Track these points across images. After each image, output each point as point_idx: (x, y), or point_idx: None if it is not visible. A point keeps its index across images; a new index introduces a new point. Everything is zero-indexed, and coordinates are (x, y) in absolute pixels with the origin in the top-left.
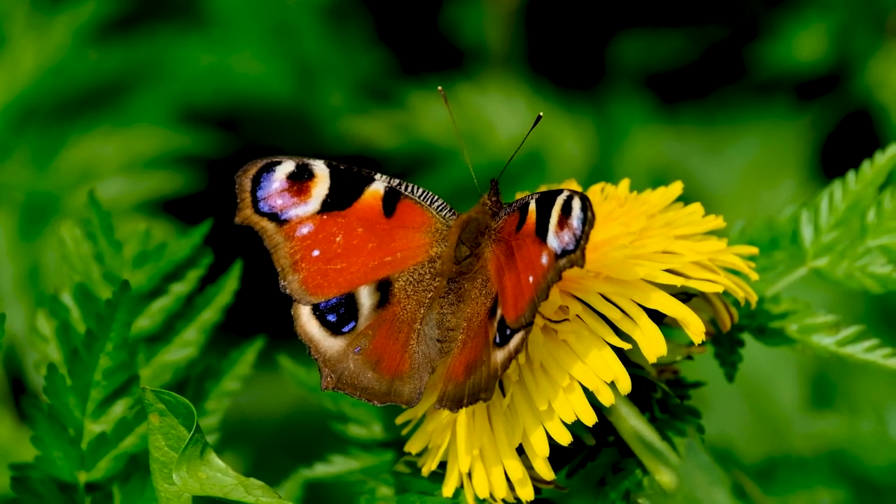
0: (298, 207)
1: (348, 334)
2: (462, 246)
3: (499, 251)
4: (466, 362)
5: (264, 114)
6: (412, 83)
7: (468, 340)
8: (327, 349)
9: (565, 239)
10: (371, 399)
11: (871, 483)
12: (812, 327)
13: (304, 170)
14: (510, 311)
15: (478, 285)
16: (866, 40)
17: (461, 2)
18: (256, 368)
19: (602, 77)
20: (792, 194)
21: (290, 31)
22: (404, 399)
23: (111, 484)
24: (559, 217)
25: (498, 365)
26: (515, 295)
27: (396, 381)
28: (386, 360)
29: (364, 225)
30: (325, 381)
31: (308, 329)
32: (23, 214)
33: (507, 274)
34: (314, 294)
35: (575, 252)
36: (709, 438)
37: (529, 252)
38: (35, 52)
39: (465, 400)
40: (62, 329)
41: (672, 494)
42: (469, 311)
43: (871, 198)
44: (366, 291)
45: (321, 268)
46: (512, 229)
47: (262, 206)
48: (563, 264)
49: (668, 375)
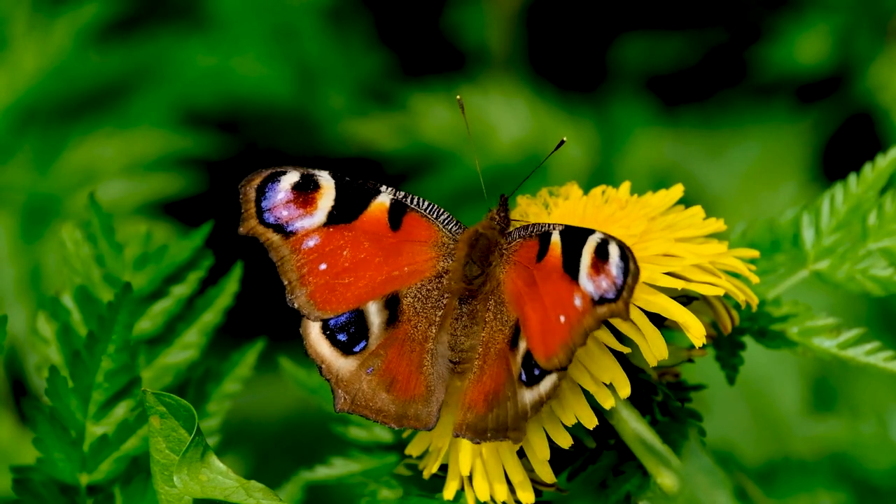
0: (304, 219)
1: (360, 354)
2: (472, 264)
3: (516, 276)
4: (486, 392)
5: (265, 116)
6: (413, 85)
7: (485, 367)
8: (339, 369)
9: (603, 286)
10: (387, 422)
11: (872, 486)
12: (813, 330)
13: (309, 180)
14: (539, 349)
15: (491, 307)
16: (868, 43)
17: (463, 4)
18: (257, 371)
19: (603, 79)
20: (793, 197)
21: (291, 33)
22: (422, 423)
23: (112, 486)
24: (593, 259)
25: (527, 407)
26: (544, 331)
27: (412, 404)
28: (400, 381)
29: (370, 238)
30: (339, 403)
31: (318, 349)
32: (24, 216)
33: (528, 304)
34: (322, 309)
35: (616, 302)
36: (710, 441)
37: (558, 288)
38: (36, 53)
39: (489, 434)
40: (63, 331)
41: (673, 497)
42: (485, 336)
43: (872, 201)
44: (374, 308)
45: (329, 282)
46: (531, 257)
47: (268, 216)
48: (604, 313)
49: (670, 378)
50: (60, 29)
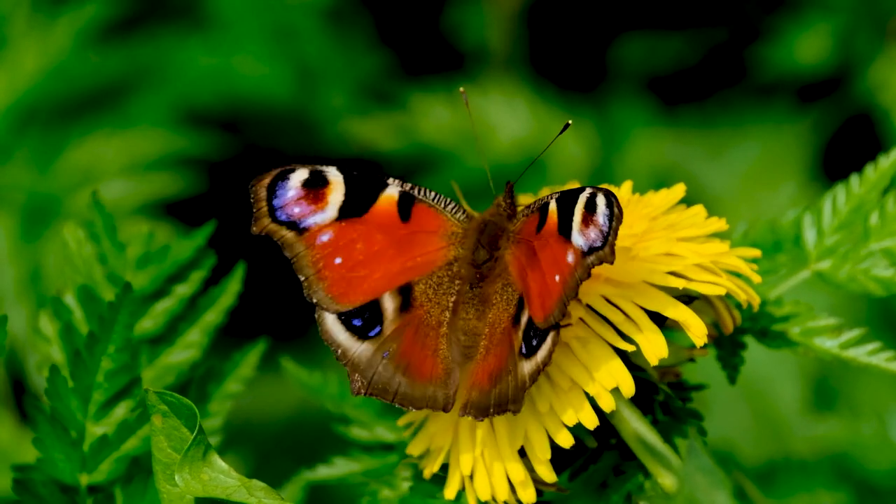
0: (316, 215)
1: (375, 339)
2: (481, 249)
3: (520, 253)
4: (490, 370)
5: (265, 116)
6: (413, 85)
7: (491, 347)
8: (355, 354)
9: (592, 236)
10: (404, 404)
11: (873, 486)
12: (814, 330)
13: (317, 177)
14: (538, 312)
15: (499, 289)
16: (868, 43)
17: (463, 3)
18: (259, 370)
19: (603, 79)
20: (793, 197)
21: (291, 33)
22: (440, 404)
23: (113, 486)
24: (583, 215)
25: (526, 377)
26: (542, 295)
27: (429, 386)
28: (415, 364)
29: (382, 231)
30: (356, 387)
31: (334, 334)
32: (24, 216)
33: (530, 274)
34: (340, 302)
35: (603, 248)
36: (710, 441)
37: (554, 251)
38: (36, 53)
39: (492, 409)
40: (65, 330)
41: (673, 497)
42: (492, 317)
43: (874, 201)
44: (388, 296)
45: (345, 275)
46: (532, 230)
47: (280, 214)
48: (592, 261)
49: (671, 378)
50: (60, 29)
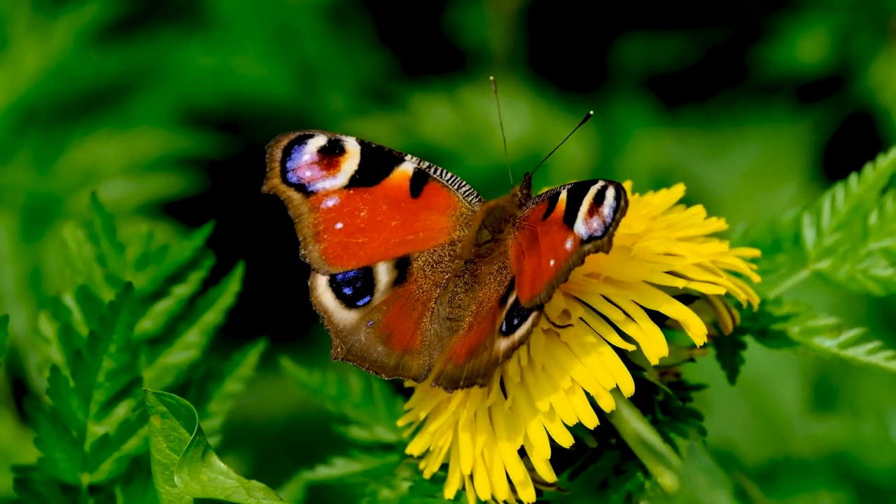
0: (326, 181)
1: (363, 308)
2: (484, 230)
3: (521, 237)
4: (470, 345)
5: (266, 116)
6: (414, 85)
7: (475, 324)
8: (340, 321)
9: (594, 225)
10: (379, 372)
11: (873, 485)
12: (814, 330)
13: (335, 144)
14: (526, 291)
15: (494, 270)
16: (868, 42)
17: (463, 4)
18: (258, 371)
19: (604, 79)
20: (793, 197)
21: (291, 33)
22: (412, 373)
23: (114, 486)
24: (590, 205)
25: (500, 353)
26: (534, 277)
27: (406, 356)
28: (397, 335)
29: (389, 203)
30: (335, 352)
31: (323, 300)
32: (24, 216)
33: (527, 258)
34: (333, 264)
35: (602, 238)
36: (710, 441)
37: (554, 237)
38: (37, 53)
39: (462, 382)
40: (65, 331)
41: (673, 497)
42: (481, 295)
43: (873, 200)
44: (384, 268)
45: (343, 240)
46: (539, 217)
47: (291, 176)
48: (588, 249)
49: (670, 378)
50: (61, 29)
